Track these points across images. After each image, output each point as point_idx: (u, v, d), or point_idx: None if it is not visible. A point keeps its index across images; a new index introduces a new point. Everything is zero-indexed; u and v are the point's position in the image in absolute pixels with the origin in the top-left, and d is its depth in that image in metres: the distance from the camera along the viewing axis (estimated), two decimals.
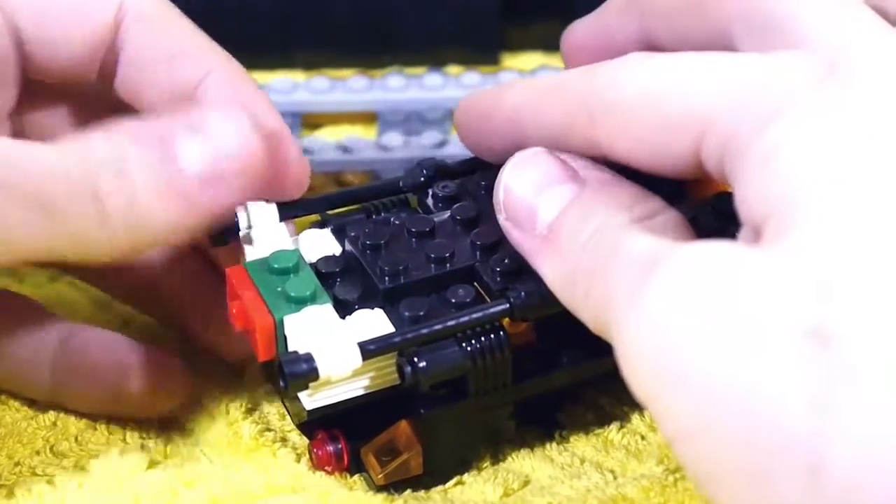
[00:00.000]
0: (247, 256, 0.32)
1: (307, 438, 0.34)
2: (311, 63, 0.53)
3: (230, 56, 0.35)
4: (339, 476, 0.33)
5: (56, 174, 0.28)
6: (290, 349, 0.30)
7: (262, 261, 0.32)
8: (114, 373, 0.34)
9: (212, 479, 0.32)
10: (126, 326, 0.39)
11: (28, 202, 0.28)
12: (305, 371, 0.29)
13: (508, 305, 0.31)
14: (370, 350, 0.30)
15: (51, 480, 0.33)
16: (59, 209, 0.28)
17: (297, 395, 0.30)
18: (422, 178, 0.35)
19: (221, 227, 0.32)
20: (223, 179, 0.30)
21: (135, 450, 0.34)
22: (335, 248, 0.33)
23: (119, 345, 0.35)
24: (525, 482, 0.33)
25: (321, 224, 0.34)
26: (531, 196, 0.30)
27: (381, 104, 0.50)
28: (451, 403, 0.31)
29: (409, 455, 0.32)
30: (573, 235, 0.28)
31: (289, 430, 0.35)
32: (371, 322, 0.31)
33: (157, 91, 0.34)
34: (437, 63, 0.52)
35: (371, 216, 0.34)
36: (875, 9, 0.28)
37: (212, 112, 0.31)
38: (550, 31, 0.39)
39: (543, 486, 0.33)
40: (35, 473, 0.34)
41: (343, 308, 0.31)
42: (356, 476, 0.33)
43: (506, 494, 0.33)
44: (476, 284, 0.32)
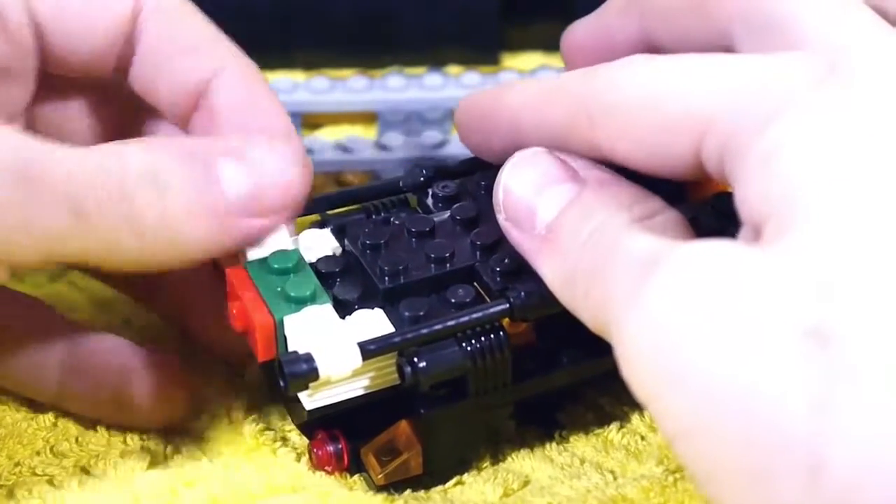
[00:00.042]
0: (247, 256, 0.32)
1: (307, 438, 0.34)
2: (311, 63, 0.53)
3: (243, 53, 0.35)
4: (339, 476, 0.33)
5: (87, 177, 0.28)
6: (290, 349, 0.30)
7: (262, 261, 0.32)
8: (118, 380, 0.34)
9: (212, 479, 0.32)
10: (127, 327, 0.39)
11: (57, 202, 0.28)
12: (305, 371, 0.29)
13: (508, 305, 0.31)
14: (370, 350, 0.30)
15: (51, 481, 0.33)
16: (89, 213, 0.28)
17: (297, 395, 0.30)
18: (422, 178, 0.35)
19: None
20: (263, 208, 0.30)
21: (135, 450, 0.34)
22: (335, 248, 0.33)
23: (125, 350, 0.34)
24: (525, 482, 0.33)
25: (321, 224, 0.34)
26: (531, 196, 0.30)
27: (381, 104, 0.50)
28: (451, 403, 0.31)
29: (409, 455, 0.32)
30: (573, 235, 0.28)
31: (289, 430, 0.35)
32: (371, 322, 0.31)
33: (171, 85, 0.34)
34: (437, 63, 0.52)
35: (371, 216, 0.34)
36: (875, 9, 0.28)
37: (257, 139, 0.31)
38: (550, 31, 0.39)
39: (543, 487, 0.33)
40: (35, 474, 0.34)
41: (343, 308, 0.31)
42: (356, 476, 0.33)
43: (506, 494, 0.33)
44: (476, 284, 0.32)
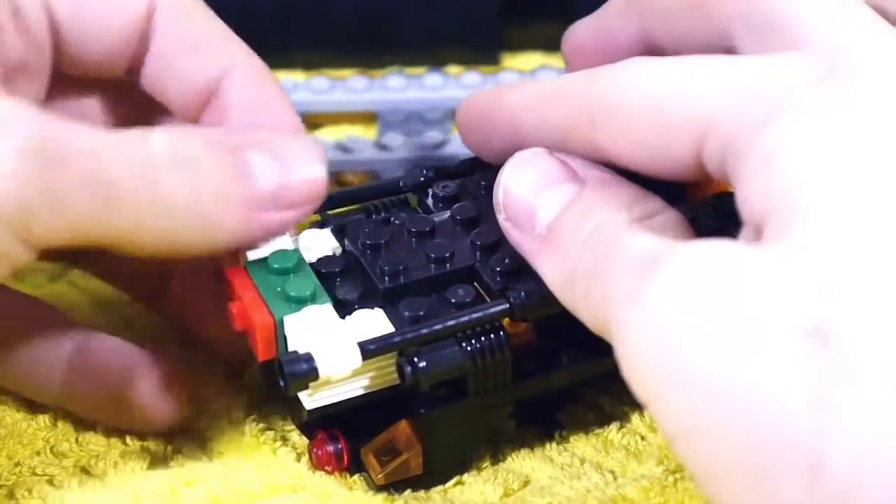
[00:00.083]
0: (247, 256, 0.32)
1: (307, 438, 0.34)
2: (311, 63, 0.53)
3: (253, 52, 0.34)
4: (339, 476, 0.33)
5: (113, 156, 0.28)
6: (290, 349, 0.30)
7: (262, 261, 0.32)
8: (120, 381, 0.34)
9: (212, 479, 0.32)
10: (127, 327, 0.39)
11: (83, 180, 0.28)
12: (305, 371, 0.29)
13: (508, 305, 0.31)
14: (370, 350, 0.30)
15: (51, 481, 0.33)
16: (115, 192, 0.28)
17: (297, 395, 0.30)
18: (422, 178, 0.35)
19: None
20: (291, 201, 0.30)
21: (135, 450, 0.34)
22: (335, 248, 0.33)
23: (126, 351, 0.34)
24: (525, 482, 0.33)
25: (321, 224, 0.34)
26: (531, 196, 0.30)
27: (381, 104, 0.50)
28: (451, 403, 0.31)
29: (409, 455, 0.32)
30: (573, 235, 0.28)
31: (289, 430, 0.35)
32: (371, 322, 0.31)
33: (182, 83, 0.34)
34: (437, 63, 0.52)
35: (371, 216, 0.34)
36: (875, 9, 0.28)
37: (288, 136, 0.32)
38: (550, 31, 0.39)
39: (543, 487, 0.33)
40: (35, 474, 0.34)
41: (343, 308, 0.31)
42: (356, 476, 0.33)
43: (506, 494, 0.33)
44: (476, 284, 0.32)
